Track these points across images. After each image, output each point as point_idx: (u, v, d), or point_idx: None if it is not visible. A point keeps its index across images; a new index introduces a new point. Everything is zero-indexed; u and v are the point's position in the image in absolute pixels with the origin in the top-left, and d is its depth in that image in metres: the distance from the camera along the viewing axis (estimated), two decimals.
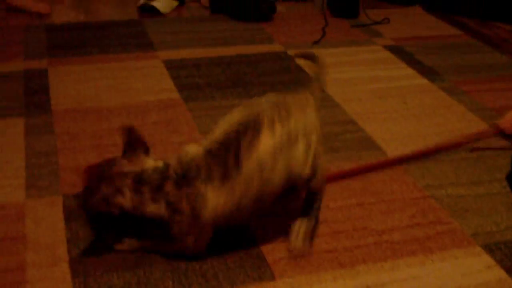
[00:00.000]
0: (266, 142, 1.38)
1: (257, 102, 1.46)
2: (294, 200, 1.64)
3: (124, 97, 2.20)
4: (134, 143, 1.43)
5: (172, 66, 2.47)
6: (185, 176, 1.36)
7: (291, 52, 2.66)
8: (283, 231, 1.55)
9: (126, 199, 1.38)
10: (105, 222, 1.54)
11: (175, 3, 3.20)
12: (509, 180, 1.80)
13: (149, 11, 3.13)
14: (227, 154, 1.37)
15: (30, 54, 2.55)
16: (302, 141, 1.44)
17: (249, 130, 1.38)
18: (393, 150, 1.92)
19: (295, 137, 1.42)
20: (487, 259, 1.50)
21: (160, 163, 1.40)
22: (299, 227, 1.53)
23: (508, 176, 1.82)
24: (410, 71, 2.53)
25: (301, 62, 2.53)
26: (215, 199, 1.36)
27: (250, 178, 1.37)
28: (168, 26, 2.93)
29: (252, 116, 1.41)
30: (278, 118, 1.41)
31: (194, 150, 1.39)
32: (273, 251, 1.49)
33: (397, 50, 2.74)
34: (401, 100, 2.26)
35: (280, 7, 3.27)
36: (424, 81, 2.43)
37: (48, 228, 1.54)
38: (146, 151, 1.44)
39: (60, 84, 2.29)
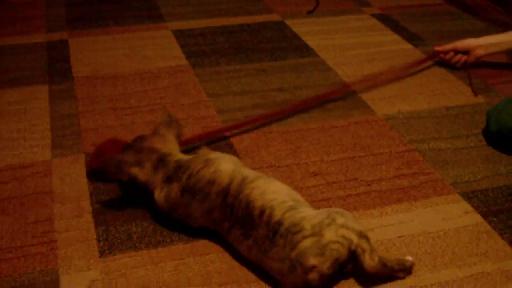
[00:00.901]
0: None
1: None
2: None
3: (137, 64, 2.19)
4: (169, 125, 1.45)
5: (180, 36, 2.46)
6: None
7: (287, 21, 2.64)
8: (281, 181, 1.56)
9: (143, 172, 1.39)
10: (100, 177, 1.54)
11: None
12: (485, 135, 1.81)
13: None
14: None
15: (52, 27, 2.53)
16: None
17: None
18: (381, 109, 1.92)
19: None
20: (465, 205, 1.52)
21: (184, 158, 1.41)
22: None
23: (484, 130, 1.82)
24: (395, 37, 2.51)
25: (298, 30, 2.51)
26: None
27: None
28: None
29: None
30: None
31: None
32: None
33: (384, 18, 2.72)
34: (388, 64, 2.25)
35: None
36: (409, 46, 2.42)
37: (73, 183, 1.55)
38: (178, 136, 1.46)
39: (80, 53, 2.28)
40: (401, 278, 1.29)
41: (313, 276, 1.18)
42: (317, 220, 1.21)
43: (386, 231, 1.42)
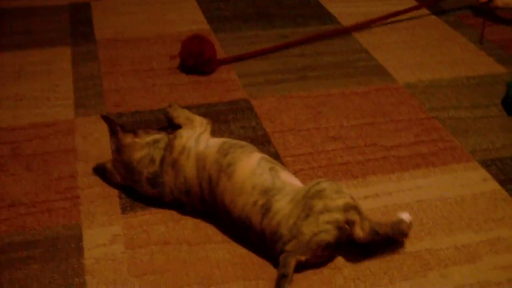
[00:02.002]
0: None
1: None
2: None
3: (159, 28, 2.21)
4: None
5: (202, 0, 2.47)
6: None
7: None
8: (303, 147, 1.58)
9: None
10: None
11: None
12: (504, 104, 1.81)
13: None
14: None
15: None
16: None
17: None
18: (402, 77, 1.93)
19: None
20: (483, 173, 1.53)
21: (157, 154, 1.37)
22: None
23: (503, 100, 1.83)
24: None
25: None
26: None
27: None
28: None
29: None
30: None
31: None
32: (293, 164, 1.52)
33: None
34: (410, 32, 2.25)
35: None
36: (431, 16, 2.41)
37: (95, 142, 1.58)
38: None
39: (102, 16, 2.29)
40: (400, 242, 1.30)
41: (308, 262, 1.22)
42: (292, 219, 1.19)
43: (404, 195, 1.44)
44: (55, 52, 2.02)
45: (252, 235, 1.25)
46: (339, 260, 1.26)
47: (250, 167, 1.26)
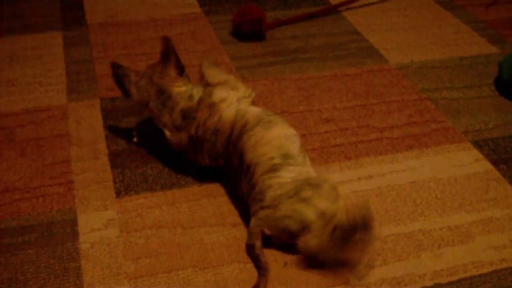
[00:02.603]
0: None
1: None
2: None
3: (151, 11, 2.20)
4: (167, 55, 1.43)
5: None
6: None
7: None
8: (296, 129, 1.58)
9: (138, 95, 1.43)
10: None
11: None
12: (497, 84, 1.81)
13: None
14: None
15: None
16: None
17: None
18: (394, 58, 1.93)
19: None
20: (476, 153, 1.53)
21: (187, 104, 1.38)
22: None
23: (496, 80, 1.83)
24: None
25: None
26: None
27: None
28: None
29: None
30: None
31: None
32: None
33: None
34: (402, 13, 2.25)
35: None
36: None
37: (89, 127, 1.58)
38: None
39: (93, 0, 2.28)
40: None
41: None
42: (281, 191, 1.21)
43: (397, 176, 1.44)
44: (46, 37, 2.01)
45: (245, 184, 1.27)
46: None
47: (287, 132, 1.30)
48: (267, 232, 1.21)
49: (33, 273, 1.18)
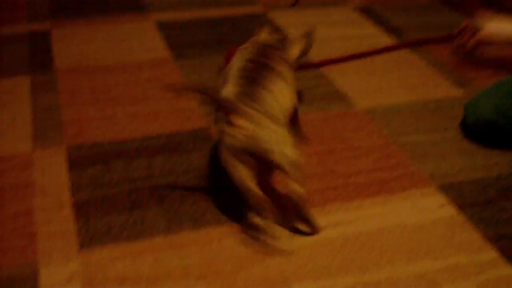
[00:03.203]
0: None
1: None
2: None
3: (120, 56, 2.19)
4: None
5: (163, 27, 2.46)
6: None
7: (270, 13, 2.64)
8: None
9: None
10: None
11: None
12: (463, 127, 1.82)
13: None
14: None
15: (34, 17, 2.52)
16: None
17: None
18: (361, 102, 1.93)
19: None
20: (441, 198, 1.53)
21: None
22: None
23: (461, 123, 1.84)
24: (377, 30, 2.52)
25: (280, 22, 2.51)
26: None
27: None
28: None
29: None
30: None
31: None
32: None
33: (366, 11, 2.73)
34: (369, 57, 2.26)
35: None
36: (390, 39, 2.43)
37: (54, 176, 1.55)
38: None
39: (62, 44, 2.27)
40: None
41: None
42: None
43: (364, 223, 1.43)
44: (13, 82, 1.99)
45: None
46: None
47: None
48: None
49: None
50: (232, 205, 1.47)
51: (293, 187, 1.30)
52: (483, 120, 1.72)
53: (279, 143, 1.26)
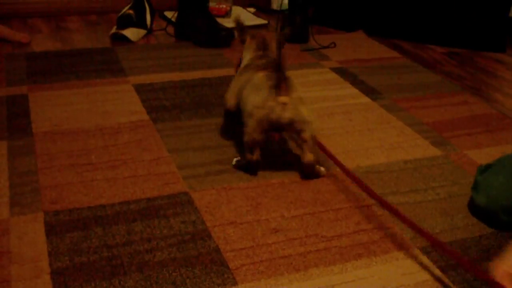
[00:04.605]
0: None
1: None
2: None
3: (98, 119, 2.18)
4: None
5: (141, 90, 2.47)
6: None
7: None
8: (244, 240, 1.56)
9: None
10: None
11: (143, 32, 3.19)
12: (472, 210, 1.75)
13: (120, 39, 3.11)
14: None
15: (12, 81, 2.51)
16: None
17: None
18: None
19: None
20: (424, 260, 1.53)
21: None
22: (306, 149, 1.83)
23: (470, 205, 1.77)
24: (354, 90, 2.55)
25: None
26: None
27: None
28: (138, 53, 2.92)
29: None
30: None
31: None
32: (235, 258, 1.49)
33: (343, 72, 2.77)
34: (347, 117, 2.28)
35: (237, 34, 3.27)
36: (367, 100, 2.46)
37: (31, 243, 1.53)
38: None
39: (40, 108, 2.26)
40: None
41: None
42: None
43: None
44: None
45: None
46: None
47: None
48: None
49: None
50: (213, 271, 1.45)
51: (307, 155, 1.82)
52: (497, 203, 1.65)
53: (311, 120, 1.79)
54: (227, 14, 3.49)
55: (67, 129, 2.10)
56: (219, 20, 3.20)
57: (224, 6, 3.52)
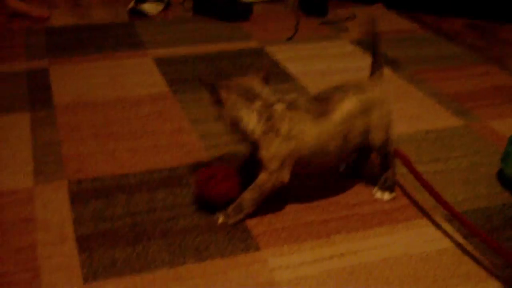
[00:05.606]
0: (351, 104, 1.52)
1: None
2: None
3: (118, 92, 2.20)
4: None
5: (161, 63, 2.48)
6: (292, 104, 1.48)
7: (267, 48, 2.67)
8: (266, 207, 1.57)
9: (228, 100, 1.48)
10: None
11: (162, 6, 3.20)
12: (501, 179, 1.75)
13: (138, 14, 3.12)
14: (321, 102, 1.51)
15: (32, 55, 2.54)
16: (377, 109, 1.54)
17: (337, 91, 1.54)
18: None
19: (371, 105, 1.54)
20: (446, 227, 1.53)
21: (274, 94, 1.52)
22: (385, 179, 1.63)
23: (499, 174, 1.78)
24: None
25: (280, 56, 2.53)
26: (309, 130, 1.47)
27: (338, 125, 1.49)
28: (156, 27, 2.93)
29: (339, 85, 1.57)
30: (358, 90, 1.54)
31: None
32: (257, 225, 1.51)
33: (362, 44, 2.76)
34: None
35: (256, 8, 3.27)
36: (387, 71, 2.45)
37: (56, 210, 1.55)
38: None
39: (60, 81, 2.28)
40: None
41: None
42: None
43: (369, 254, 1.43)
44: (13, 119, 1.99)
45: None
46: None
47: None
48: None
49: None
50: (236, 237, 1.46)
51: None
52: None
53: None
54: None
55: (88, 101, 2.12)
56: None
57: None
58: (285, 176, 1.49)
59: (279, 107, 1.46)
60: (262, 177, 1.48)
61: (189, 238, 1.46)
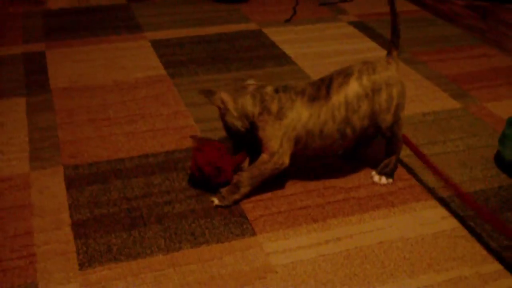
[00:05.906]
0: (354, 87, 1.50)
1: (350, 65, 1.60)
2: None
3: (115, 75, 2.19)
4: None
5: (158, 46, 2.47)
6: (284, 87, 1.52)
7: (265, 30, 2.66)
8: (262, 192, 1.57)
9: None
10: None
11: None
12: (498, 162, 1.75)
13: None
14: (321, 85, 1.51)
15: (29, 38, 2.52)
16: (384, 91, 1.52)
17: (341, 75, 1.52)
18: None
19: (378, 87, 1.51)
20: (442, 211, 1.53)
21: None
22: (386, 164, 1.62)
23: (496, 157, 1.77)
24: (372, 44, 2.53)
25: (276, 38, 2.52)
26: (300, 110, 1.49)
27: (336, 109, 1.49)
28: (154, 9, 2.91)
29: (345, 68, 1.55)
30: (365, 72, 1.52)
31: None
32: (253, 210, 1.51)
33: (361, 26, 2.75)
34: None
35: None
36: (385, 53, 2.44)
37: (52, 196, 1.55)
38: None
39: (57, 65, 2.27)
40: None
41: None
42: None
43: (365, 237, 1.43)
44: (9, 103, 1.99)
45: None
46: None
47: None
48: None
49: None
50: (231, 222, 1.46)
51: None
52: None
53: None
54: None
55: (85, 85, 2.11)
56: None
57: None
58: (286, 158, 1.49)
59: (268, 89, 1.50)
60: (263, 156, 1.49)
61: (185, 223, 1.46)
